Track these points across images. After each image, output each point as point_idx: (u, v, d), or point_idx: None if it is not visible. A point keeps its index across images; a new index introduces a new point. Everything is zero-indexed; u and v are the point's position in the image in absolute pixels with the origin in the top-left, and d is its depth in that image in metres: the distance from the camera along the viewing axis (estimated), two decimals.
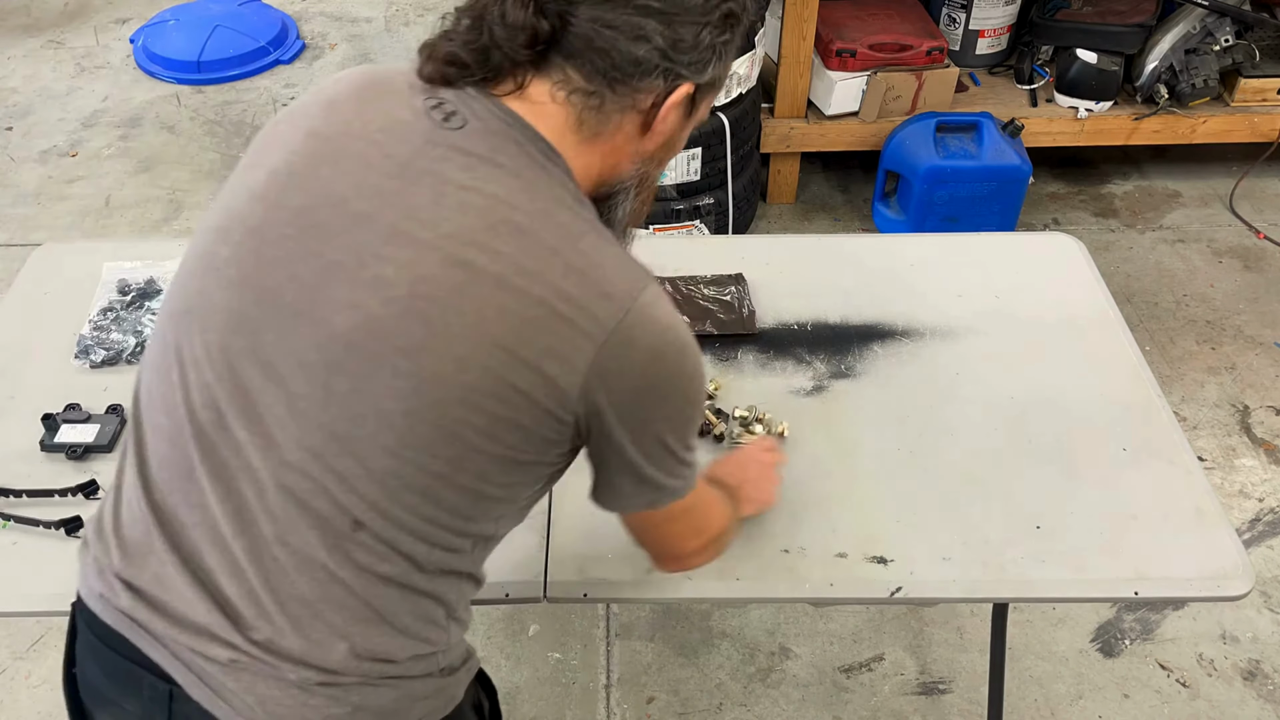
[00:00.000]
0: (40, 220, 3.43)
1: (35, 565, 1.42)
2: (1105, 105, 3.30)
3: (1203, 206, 3.49)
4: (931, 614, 2.32)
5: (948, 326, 1.79)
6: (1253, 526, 2.51)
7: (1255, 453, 2.68)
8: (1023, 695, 2.19)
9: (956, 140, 3.13)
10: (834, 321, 1.81)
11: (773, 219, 3.44)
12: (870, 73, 3.16)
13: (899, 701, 2.18)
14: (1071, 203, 3.51)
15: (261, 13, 4.35)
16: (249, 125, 3.84)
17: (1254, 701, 2.18)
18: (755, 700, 2.18)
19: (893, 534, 1.46)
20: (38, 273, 1.89)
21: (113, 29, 4.44)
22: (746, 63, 2.90)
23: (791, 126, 3.28)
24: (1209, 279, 3.21)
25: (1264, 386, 2.85)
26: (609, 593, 1.41)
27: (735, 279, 1.86)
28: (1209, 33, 3.23)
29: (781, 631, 2.30)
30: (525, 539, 1.45)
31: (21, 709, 2.14)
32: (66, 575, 1.41)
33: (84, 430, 1.57)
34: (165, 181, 3.59)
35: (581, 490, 1.53)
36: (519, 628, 2.30)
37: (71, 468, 1.54)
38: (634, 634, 2.30)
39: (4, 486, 1.51)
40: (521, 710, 2.16)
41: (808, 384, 1.69)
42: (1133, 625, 2.31)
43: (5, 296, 1.86)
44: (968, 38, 3.42)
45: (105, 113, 3.93)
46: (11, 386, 1.67)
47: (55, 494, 1.50)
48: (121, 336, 1.74)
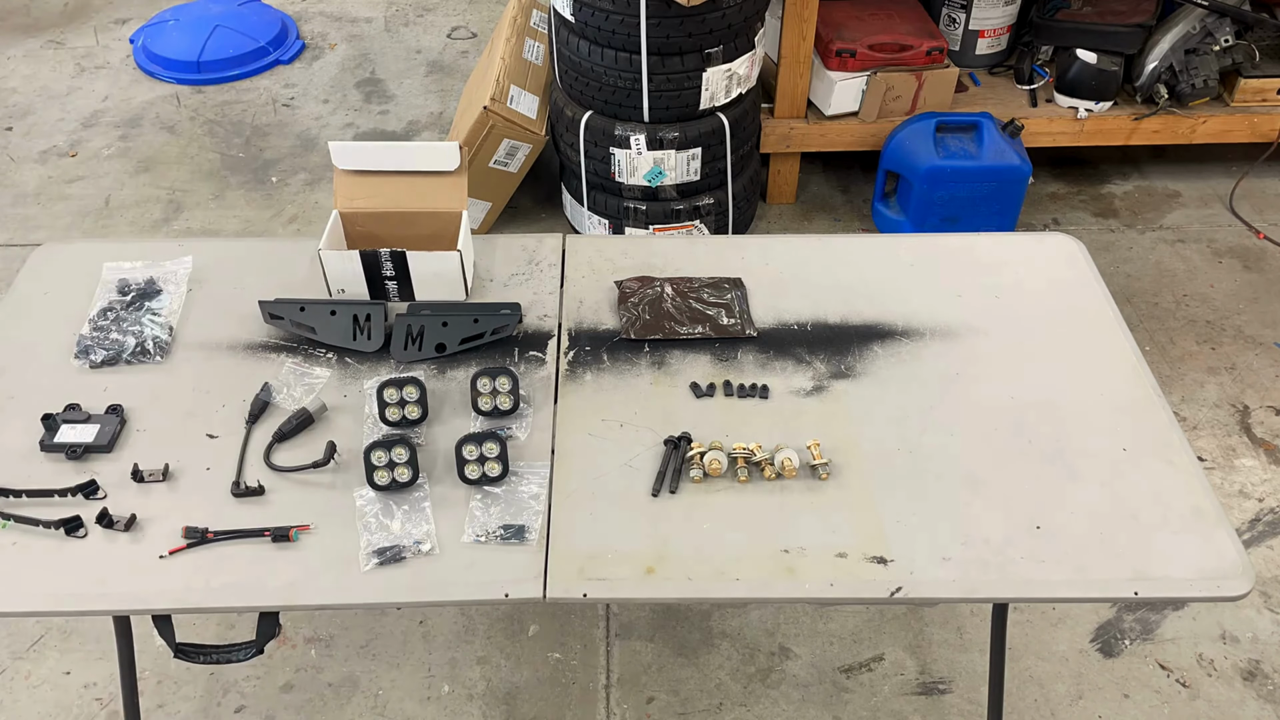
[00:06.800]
0: (40, 220, 3.43)
1: (35, 565, 1.42)
2: (1105, 105, 3.30)
3: (1203, 206, 3.49)
4: (931, 614, 2.32)
5: (948, 326, 1.79)
6: (1253, 526, 2.51)
7: (1255, 453, 2.68)
8: (1023, 695, 2.19)
9: (956, 140, 3.13)
10: (834, 321, 1.81)
11: (773, 219, 3.44)
12: (870, 73, 3.16)
13: (899, 701, 2.18)
14: (1071, 203, 3.51)
15: (261, 13, 4.35)
16: (249, 125, 3.84)
17: (1254, 701, 2.18)
18: (755, 700, 2.18)
19: (893, 534, 1.46)
20: (38, 273, 1.90)
21: (113, 29, 4.44)
22: (746, 63, 2.91)
23: (791, 126, 3.28)
24: (1209, 279, 3.21)
25: (1264, 386, 2.85)
26: (609, 593, 1.41)
27: (734, 283, 1.86)
28: (1209, 33, 3.23)
29: (781, 631, 2.30)
30: (525, 539, 1.45)
31: (21, 709, 2.14)
32: (66, 575, 1.41)
33: (84, 430, 1.57)
34: (165, 181, 3.59)
35: (581, 490, 1.53)
36: (519, 628, 2.30)
37: (71, 468, 1.55)
38: (634, 634, 2.30)
39: (4, 486, 1.51)
40: (521, 710, 2.16)
41: (808, 384, 1.69)
42: (1133, 625, 2.32)
43: (5, 296, 1.86)
44: (968, 38, 3.43)
45: (105, 113, 3.93)
46: (11, 386, 1.67)
47: (55, 494, 1.50)
48: (121, 336, 1.74)
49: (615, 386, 1.69)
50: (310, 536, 1.46)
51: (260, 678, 2.21)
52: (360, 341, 1.74)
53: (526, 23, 3.30)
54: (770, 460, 1.54)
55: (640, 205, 3.04)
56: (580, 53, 2.86)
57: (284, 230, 3.37)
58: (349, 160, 1.85)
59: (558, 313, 1.82)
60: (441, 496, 1.51)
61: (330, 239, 1.81)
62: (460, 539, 1.46)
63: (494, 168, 3.13)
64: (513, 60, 3.15)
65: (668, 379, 1.70)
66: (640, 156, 2.94)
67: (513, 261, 1.92)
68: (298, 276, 1.87)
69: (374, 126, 3.85)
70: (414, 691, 2.19)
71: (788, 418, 1.63)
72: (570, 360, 1.73)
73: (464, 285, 1.81)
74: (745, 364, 1.73)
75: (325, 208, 3.45)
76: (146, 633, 1.91)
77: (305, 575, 1.41)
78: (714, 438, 1.59)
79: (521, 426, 1.61)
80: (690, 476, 1.54)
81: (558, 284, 1.88)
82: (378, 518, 1.48)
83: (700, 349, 1.76)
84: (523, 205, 3.42)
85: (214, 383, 1.69)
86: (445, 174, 1.84)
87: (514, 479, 1.53)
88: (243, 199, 3.49)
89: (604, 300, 1.85)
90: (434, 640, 2.28)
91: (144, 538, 1.45)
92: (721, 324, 1.78)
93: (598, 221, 3.14)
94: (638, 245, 1.98)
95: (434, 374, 1.71)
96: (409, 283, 1.80)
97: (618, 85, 2.85)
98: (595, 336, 1.78)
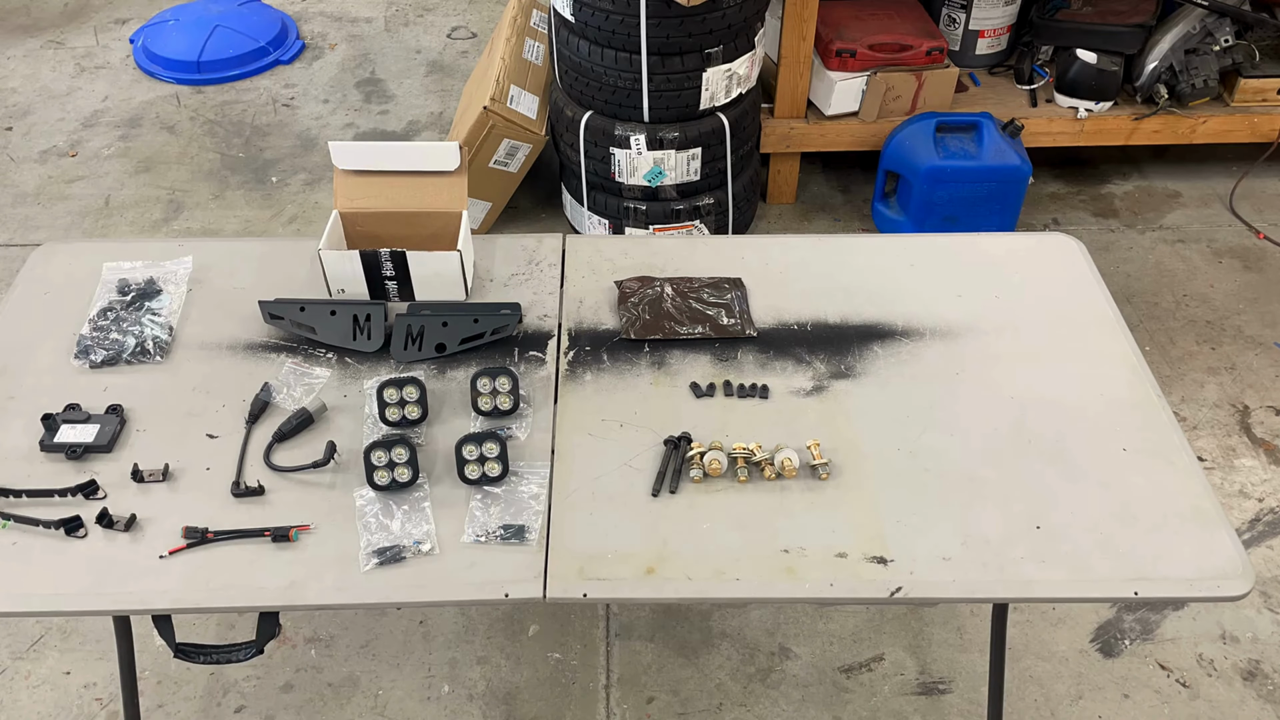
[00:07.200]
0: (40, 220, 3.43)
1: (35, 565, 1.43)
2: (1105, 105, 3.30)
3: (1203, 206, 3.49)
4: (931, 614, 2.32)
5: (948, 326, 1.79)
6: (1253, 526, 2.51)
7: (1255, 453, 2.68)
8: (1023, 695, 2.19)
9: (956, 140, 3.13)
10: (834, 321, 1.81)
11: (773, 219, 3.44)
12: (870, 73, 3.16)
13: (899, 701, 2.18)
14: (1071, 203, 3.51)
15: (261, 13, 4.35)
16: (249, 125, 3.84)
17: (1254, 701, 2.18)
18: (755, 700, 2.18)
19: (893, 534, 1.46)
20: (38, 273, 1.90)
21: (113, 29, 4.44)
22: (746, 63, 2.91)
23: (791, 126, 3.28)
24: (1209, 279, 3.21)
25: (1264, 386, 2.85)
26: (609, 593, 1.41)
27: (734, 283, 1.86)
28: (1209, 33, 3.23)
29: (781, 631, 2.30)
30: (525, 539, 1.45)
31: (21, 709, 2.14)
32: (66, 575, 1.41)
33: (84, 430, 1.57)
34: (165, 181, 3.59)
35: (581, 490, 1.53)
36: (519, 628, 2.30)
37: (71, 468, 1.55)
38: (634, 634, 2.30)
39: (4, 486, 1.51)
40: (521, 710, 2.16)
41: (808, 384, 1.69)
42: (1133, 625, 2.32)
43: (5, 296, 1.86)
44: (968, 38, 3.43)
45: (105, 113, 3.93)
46: (11, 386, 1.67)
47: (55, 494, 1.50)
48: (121, 336, 1.74)
49: (615, 386, 1.69)
50: (310, 536, 1.46)
51: (260, 678, 2.21)
52: (360, 341, 1.74)
53: (526, 23, 3.30)
54: (770, 460, 1.54)
55: (640, 205, 3.04)
56: (580, 53, 2.86)
57: (284, 230, 3.37)
58: (349, 160, 1.85)
59: (558, 313, 1.82)
60: (441, 496, 1.51)
61: (330, 239, 1.81)
62: (460, 539, 1.46)
63: (494, 168, 3.13)
64: (513, 60, 3.15)
65: (668, 379, 1.70)
66: (640, 156, 2.94)
67: (513, 261, 1.92)
68: (298, 276, 1.87)
69: (374, 126, 3.85)
70: (414, 691, 2.19)
71: (788, 418, 1.63)
72: (570, 360, 1.73)
73: (464, 285, 1.81)
74: (745, 364, 1.73)
75: (325, 208, 3.45)
76: (146, 633, 1.91)
77: (305, 575, 1.41)
78: (714, 438, 1.59)
79: (521, 426, 1.61)
80: (690, 476, 1.54)
81: (558, 284, 1.88)
82: (378, 518, 1.48)
83: (700, 349, 1.76)
84: (523, 205, 3.42)
85: (214, 383, 1.69)
86: (445, 174, 1.84)
87: (514, 479, 1.53)
88: (243, 199, 3.49)
89: (604, 300, 1.85)
90: (434, 640, 2.28)
91: (144, 538, 1.45)
92: (721, 324, 1.78)
93: (598, 221, 3.14)
94: (638, 245, 1.98)
95: (434, 374, 1.71)
96: (409, 283, 1.80)
97: (618, 85, 2.85)
98: (595, 336, 1.78)
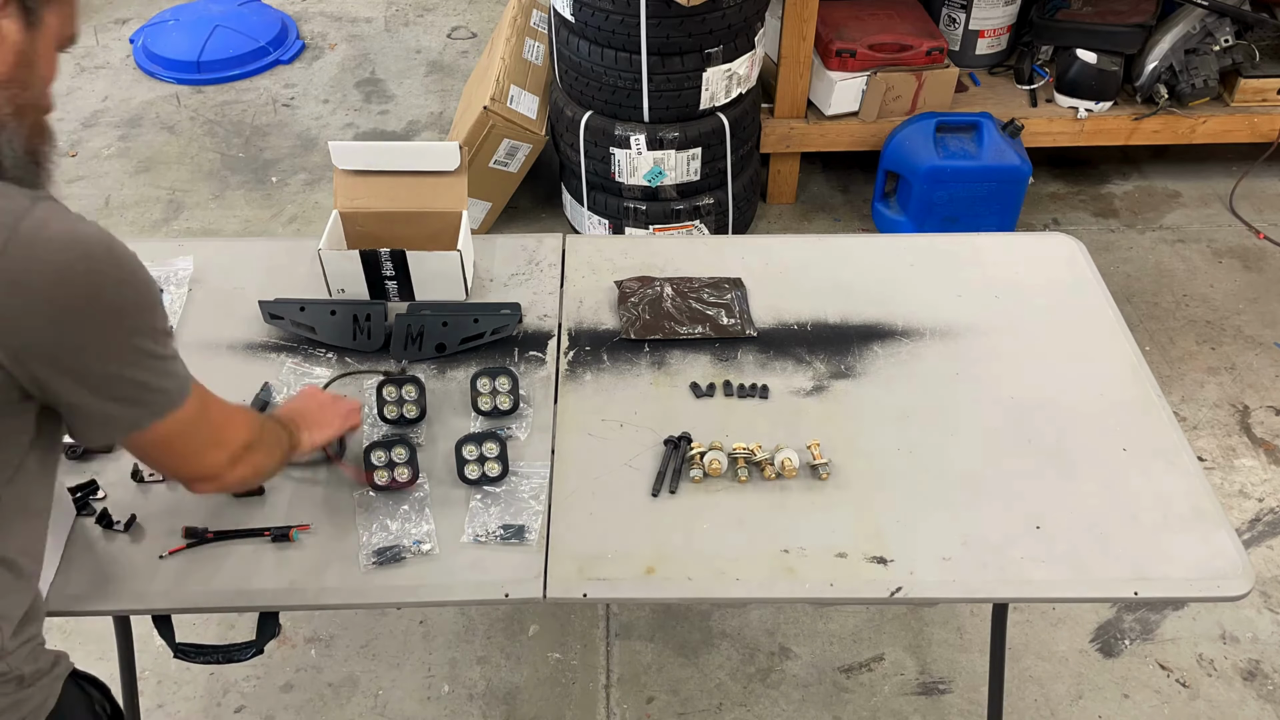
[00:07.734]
0: None
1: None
2: (1105, 105, 3.30)
3: (1203, 206, 3.49)
4: (931, 614, 2.32)
5: (948, 326, 1.79)
6: (1253, 526, 2.51)
7: (1255, 453, 2.68)
8: (1023, 695, 2.19)
9: (956, 140, 3.13)
10: (834, 321, 1.81)
11: (773, 219, 3.44)
12: (870, 73, 3.16)
13: (899, 701, 2.18)
14: (1071, 203, 3.51)
15: (261, 13, 4.35)
16: (249, 125, 3.84)
17: (1254, 701, 2.18)
18: (755, 700, 2.18)
19: (893, 534, 1.46)
20: None
21: (113, 29, 4.44)
22: (746, 63, 2.90)
23: (791, 126, 3.28)
24: (1209, 279, 3.21)
25: (1264, 386, 2.85)
26: (609, 593, 1.41)
27: (734, 283, 1.86)
28: (1209, 33, 3.23)
29: (781, 631, 2.30)
30: (525, 539, 1.45)
31: None
32: (66, 575, 1.41)
33: None
34: (165, 181, 3.59)
35: (581, 491, 1.53)
36: (519, 628, 2.30)
37: (71, 468, 1.54)
38: (634, 634, 2.30)
39: None
40: (521, 710, 2.16)
41: (808, 384, 1.69)
42: (1133, 625, 2.32)
43: None
44: (968, 38, 3.43)
45: (105, 113, 3.93)
46: None
47: None
48: None
49: (615, 386, 1.69)
50: (310, 536, 1.46)
51: (260, 678, 2.21)
52: (360, 341, 1.74)
53: (526, 23, 3.30)
54: (770, 460, 1.54)
55: (640, 205, 3.04)
56: (580, 53, 2.86)
57: (284, 230, 3.37)
58: (349, 160, 1.85)
59: (558, 313, 1.82)
60: (441, 496, 1.51)
61: (330, 239, 1.81)
62: (460, 539, 1.46)
63: (494, 168, 3.13)
64: (513, 60, 3.15)
65: (668, 379, 1.70)
66: (640, 156, 2.94)
67: (513, 261, 1.92)
68: (298, 276, 1.87)
69: (374, 126, 3.85)
70: (414, 691, 2.19)
71: (788, 418, 1.63)
72: (570, 360, 1.73)
73: (464, 285, 1.81)
74: (745, 364, 1.73)
75: (325, 208, 3.45)
76: (146, 633, 1.90)
77: (305, 575, 1.41)
78: (714, 438, 1.59)
79: (521, 426, 1.61)
80: (690, 476, 1.54)
81: (558, 284, 1.88)
82: (378, 518, 1.48)
83: (700, 349, 1.76)
84: (523, 205, 3.42)
85: (214, 382, 1.68)
86: (445, 174, 1.84)
87: (514, 479, 1.53)
88: (243, 199, 3.49)
89: (604, 300, 1.85)
90: (434, 640, 2.28)
91: (144, 538, 1.45)
92: (721, 324, 1.78)
93: (598, 221, 3.14)
94: (638, 245, 1.98)
95: (434, 374, 1.71)
96: (409, 282, 1.80)
97: (618, 85, 2.85)
98: (595, 336, 1.78)
